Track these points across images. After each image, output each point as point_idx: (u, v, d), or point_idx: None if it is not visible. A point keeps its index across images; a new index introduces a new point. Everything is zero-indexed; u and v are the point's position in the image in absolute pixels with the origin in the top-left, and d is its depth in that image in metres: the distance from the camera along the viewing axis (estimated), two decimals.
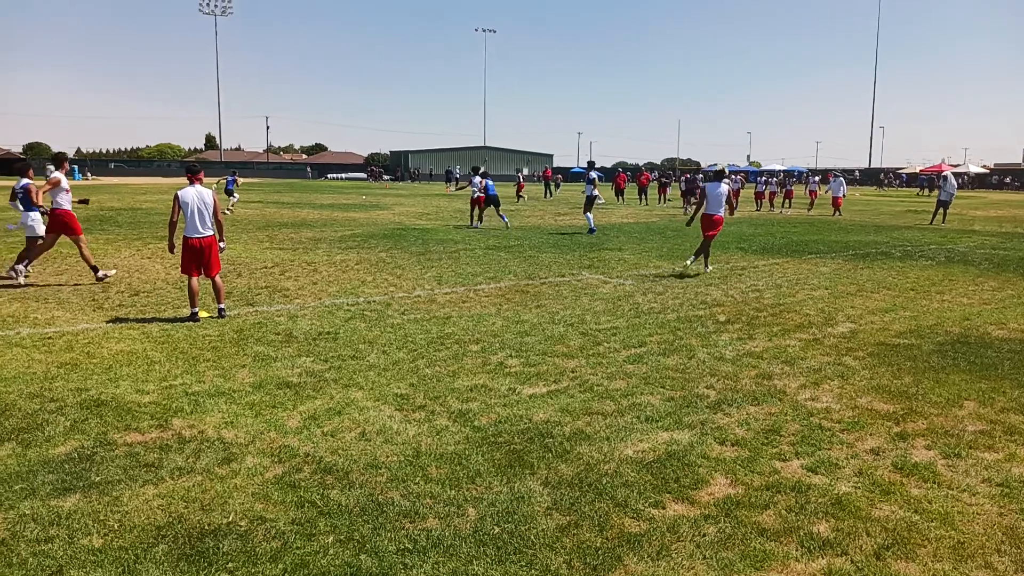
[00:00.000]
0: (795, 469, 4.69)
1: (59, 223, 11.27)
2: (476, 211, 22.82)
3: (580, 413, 5.66)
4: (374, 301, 10.12)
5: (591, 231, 20.88)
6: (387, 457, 4.78)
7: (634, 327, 8.66)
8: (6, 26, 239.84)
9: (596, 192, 21.64)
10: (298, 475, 4.49)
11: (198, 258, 8.75)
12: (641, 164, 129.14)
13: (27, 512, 3.97)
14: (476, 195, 22.60)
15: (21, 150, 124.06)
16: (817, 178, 32.26)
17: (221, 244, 9.19)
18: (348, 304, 9.86)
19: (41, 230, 11.42)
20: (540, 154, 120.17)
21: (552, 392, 6.16)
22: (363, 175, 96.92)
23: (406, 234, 20.03)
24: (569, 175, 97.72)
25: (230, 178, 29.78)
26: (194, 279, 8.81)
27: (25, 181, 11.41)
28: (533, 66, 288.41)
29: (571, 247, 17.24)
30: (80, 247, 11.38)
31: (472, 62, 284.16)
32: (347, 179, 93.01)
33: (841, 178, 31.64)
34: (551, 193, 48.89)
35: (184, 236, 8.73)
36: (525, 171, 68.76)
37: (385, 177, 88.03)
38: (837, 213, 30.41)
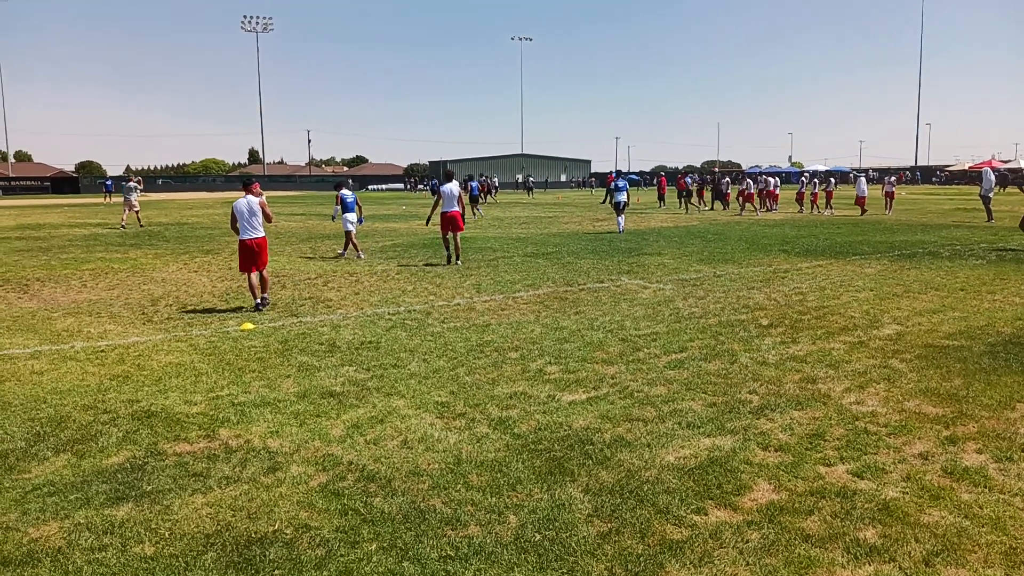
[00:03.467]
0: (840, 474, 4.61)
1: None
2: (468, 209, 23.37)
3: (620, 419, 5.64)
4: (414, 310, 10.22)
5: (619, 231, 22.64)
6: (428, 465, 4.83)
7: (675, 332, 8.60)
8: (57, 50, 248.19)
9: (624, 198, 23.14)
10: (342, 483, 4.56)
11: (252, 255, 10.34)
12: (681, 167, 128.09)
13: (82, 521, 4.11)
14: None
15: (74, 169, 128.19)
16: (892, 178, 31.58)
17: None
18: (389, 313, 9.98)
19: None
20: (578, 160, 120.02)
21: (592, 399, 6.15)
22: (401, 186, 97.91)
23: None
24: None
25: (131, 184, 28.06)
26: (252, 275, 10.38)
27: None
28: (570, 72, 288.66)
29: (609, 252, 17.19)
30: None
31: (509, 70, 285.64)
32: (387, 190, 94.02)
33: (863, 177, 31.63)
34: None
35: (239, 239, 10.43)
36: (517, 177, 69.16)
37: (420, 187, 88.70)
38: (864, 212, 30.24)
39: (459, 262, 15.22)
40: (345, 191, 16.95)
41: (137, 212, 27.83)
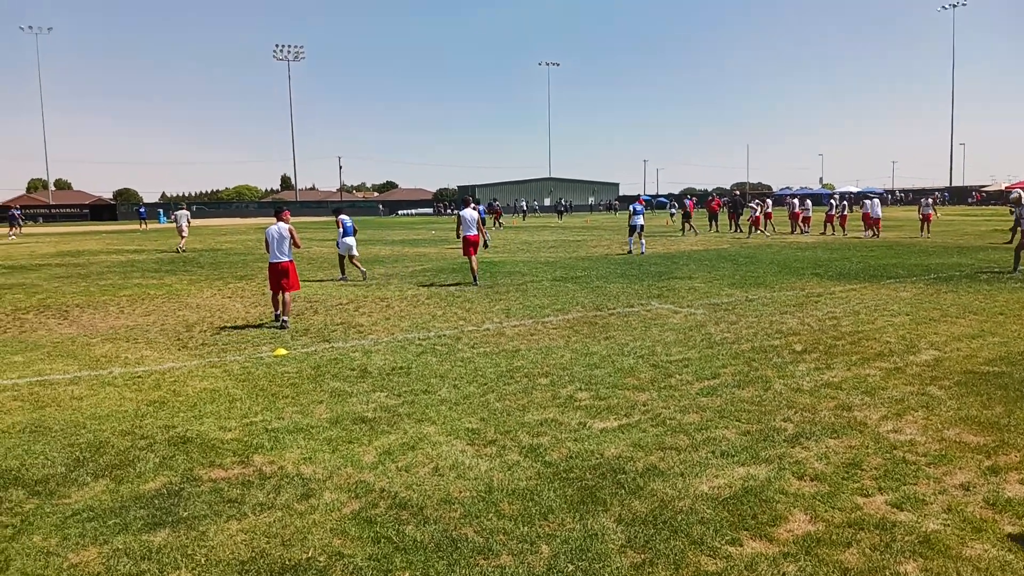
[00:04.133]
0: (879, 505, 4.52)
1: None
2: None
3: (653, 448, 5.60)
4: (444, 335, 10.27)
5: (640, 253, 23.61)
6: (460, 492, 4.83)
7: (707, 358, 8.53)
8: (95, 80, 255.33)
9: (640, 222, 24.20)
10: (374, 510, 4.58)
11: (279, 277, 11.26)
12: (710, 189, 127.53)
13: (120, 546, 4.17)
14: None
15: (111, 196, 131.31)
16: (930, 200, 31.10)
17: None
18: (420, 339, 10.04)
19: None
20: (606, 183, 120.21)
21: (623, 426, 6.12)
22: (430, 210, 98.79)
23: None
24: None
25: (182, 211, 30.46)
26: (278, 295, 11.36)
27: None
28: (597, 96, 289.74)
29: (639, 277, 17.13)
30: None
31: (537, 95, 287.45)
32: (416, 214, 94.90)
33: (876, 199, 31.61)
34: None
35: (269, 261, 11.44)
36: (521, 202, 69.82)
37: (449, 212, 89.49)
38: (871, 234, 30.27)
39: (477, 283, 16.08)
40: (344, 216, 18.10)
41: (183, 239, 29.59)
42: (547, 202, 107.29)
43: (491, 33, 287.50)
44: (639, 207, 24.45)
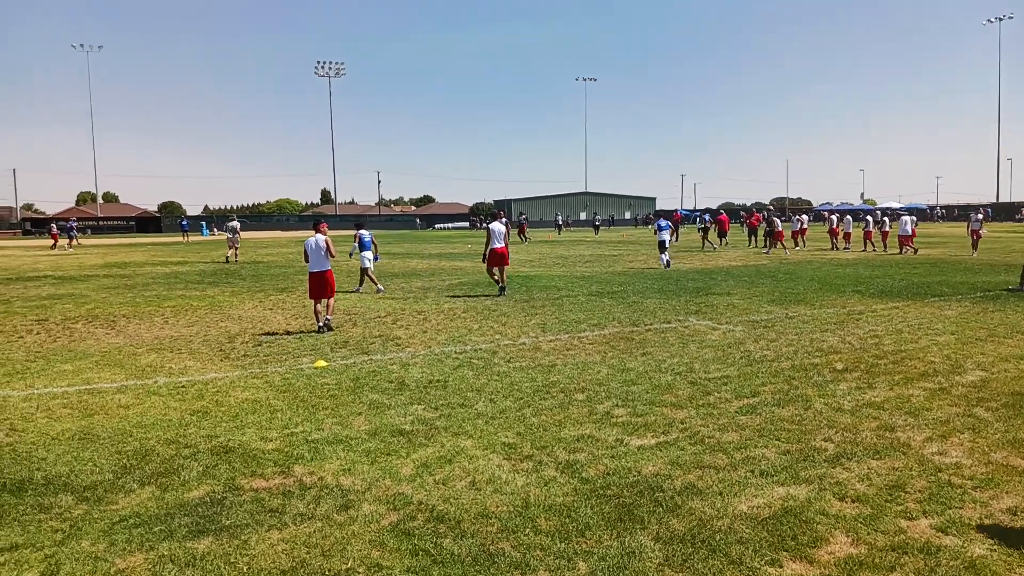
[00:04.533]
0: (923, 529, 4.43)
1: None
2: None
3: (691, 466, 5.56)
4: (481, 349, 10.32)
5: (667, 265, 24.06)
6: (497, 507, 4.85)
7: (746, 376, 8.44)
8: (142, 100, 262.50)
9: (667, 237, 24.91)
10: (412, 523, 4.62)
11: (319, 285, 12.06)
12: (749, 204, 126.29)
13: (166, 553, 4.27)
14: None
15: (156, 209, 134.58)
16: (979, 215, 30.51)
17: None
18: (456, 352, 10.10)
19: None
20: (642, 197, 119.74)
21: (661, 444, 6.09)
22: (467, 224, 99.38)
23: (510, 281, 20.32)
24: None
25: (232, 223, 31.40)
26: (319, 303, 12.14)
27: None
28: (634, 110, 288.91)
29: (676, 292, 17.02)
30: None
31: (573, 110, 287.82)
32: (452, 228, 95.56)
33: (907, 217, 31.26)
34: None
35: (309, 271, 12.24)
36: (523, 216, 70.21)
37: (484, 225, 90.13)
38: (907, 251, 29.79)
39: (505, 293, 16.76)
40: (363, 231, 18.81)
41: (233, 250, 30.80)
42: (583, 216, 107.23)
43: (528, 49, 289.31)
44: (664, 223, 25.38)
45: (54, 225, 50.70)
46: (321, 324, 12.02)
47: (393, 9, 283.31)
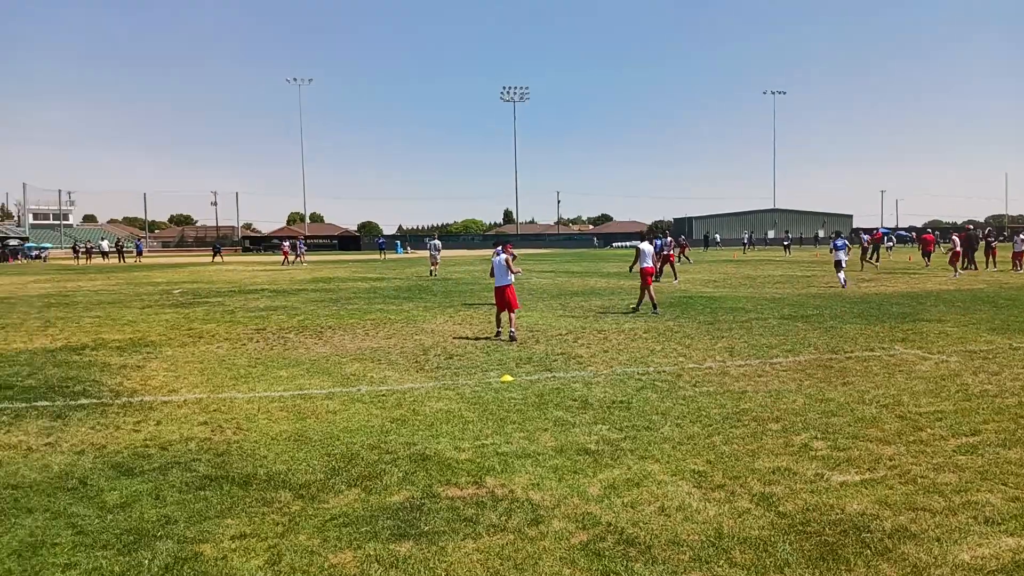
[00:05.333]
0: None
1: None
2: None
3: (902, 507, 5.12)
4: (664, 371, 10.14)
5: (843, 285, 23.65)
6: (688, 535, 4.73)
7: (964, 412, 7.65)
8: (345, 128, 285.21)
9: (843, 256, 24.56)
10: (602, 544, 4.62)
11: (503, 298, 13.59)
12: (959, 222, 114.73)
13: (372, 553, 4.56)
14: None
15: (356, 228, 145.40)
16: None
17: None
18: (639, 373, 10.00)
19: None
20: (837, 214, 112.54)
21: (866, 481, 5.65)
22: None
23: (693, 302, 19.83)
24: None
25: (435, 241, 35.49)
26: (502, 313, 13.83)
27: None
28: (827, 124, 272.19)
29: (879, 317, 15.77)
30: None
31: (762, 124, 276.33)
32: (630, 247, 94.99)
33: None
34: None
35: (495, 285, 13.87)
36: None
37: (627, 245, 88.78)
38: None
39: (657, 310, 17.21)
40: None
41: (435, 266, 34.44)
42: (771, 234, 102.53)
43: (712, 63, 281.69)
44: (840, 242, 25.23)
45: (286, 243, 56.10)
46: (499, 329, 13.69)
47: (579, 33, 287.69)
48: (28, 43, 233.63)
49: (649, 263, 17.57)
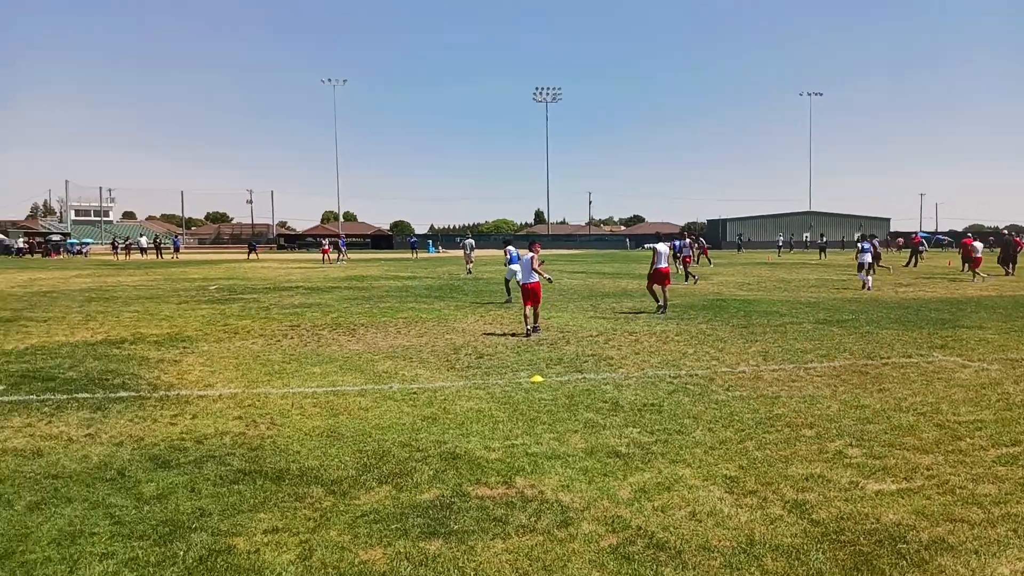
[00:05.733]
0: None
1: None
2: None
3: (939, 518, 5.02)
4: (696, 375, 10.06)
5: (863, 287, 24.26)
6: (719, 541, 4.69)
7: (1005, 421, 7.48)
8: (381, 129, 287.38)
9: (868, 259, 25.04)
10: (631, 547, 4.59)
11: (529, 295, 14.18)
12: (1002, 227, 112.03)
13: (401, 550, 4.59)
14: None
15: (388, 227, 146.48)
16: None
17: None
18: (670, 376, 9.93)
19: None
20: (874, 218, 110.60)
21: (903, 490, 5.55)
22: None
23: (726, 305, 19.63)
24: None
25: (468, 240, 36.80)
26: (527, 307, 14.22)
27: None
28: (863, 126, 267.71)
29: (916, 323, 15.47)
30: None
31: (798, 126, 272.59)
32: (647, 248, 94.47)
33: None
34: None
35: (521, 284, 14.55)
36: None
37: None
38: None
39: (664, 311, 17.59)
40: (512, 247, 21.67)
41: (470, 264, 35.55)
42: (807, 237, 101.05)
43: (746, 64, 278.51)
44: (866, 244, 25.95)
45: (326, 240, 56.64)
46: (529, 328, 14.02)
47: (612, 34, 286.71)
48: (71, 45, 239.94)
49: (664, 264, 18.07)
